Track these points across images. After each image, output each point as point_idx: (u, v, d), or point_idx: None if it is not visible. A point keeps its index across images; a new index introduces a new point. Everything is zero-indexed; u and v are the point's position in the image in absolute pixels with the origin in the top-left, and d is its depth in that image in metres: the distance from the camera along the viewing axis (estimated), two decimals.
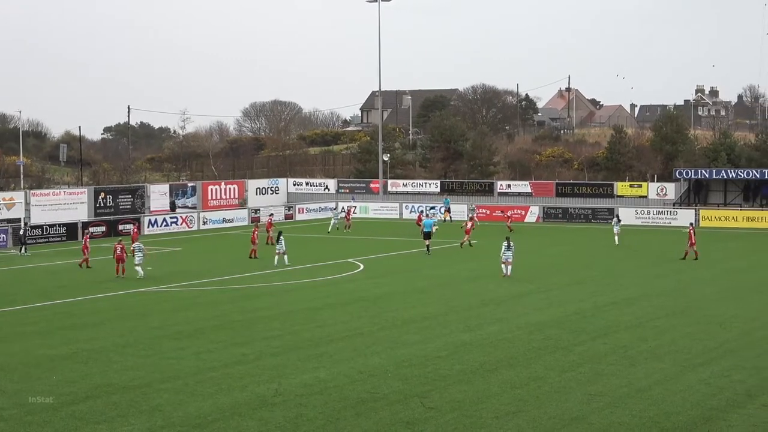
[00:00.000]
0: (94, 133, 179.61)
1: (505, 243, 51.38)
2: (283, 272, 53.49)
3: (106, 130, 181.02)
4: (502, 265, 50.82)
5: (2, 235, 70.03)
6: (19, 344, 34.44)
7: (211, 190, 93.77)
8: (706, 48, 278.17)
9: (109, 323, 38.67)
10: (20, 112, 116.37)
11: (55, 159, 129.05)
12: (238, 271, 54.42)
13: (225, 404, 25.80)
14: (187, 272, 54.35)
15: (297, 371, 29.47)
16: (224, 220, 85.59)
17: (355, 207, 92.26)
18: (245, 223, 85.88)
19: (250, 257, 59.44)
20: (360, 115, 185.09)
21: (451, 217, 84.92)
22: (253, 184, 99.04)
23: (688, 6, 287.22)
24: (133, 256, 52.57)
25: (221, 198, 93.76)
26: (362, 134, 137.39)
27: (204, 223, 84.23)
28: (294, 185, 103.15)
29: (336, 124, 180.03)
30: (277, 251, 56.44)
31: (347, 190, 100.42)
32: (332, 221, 78.98)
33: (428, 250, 60.74)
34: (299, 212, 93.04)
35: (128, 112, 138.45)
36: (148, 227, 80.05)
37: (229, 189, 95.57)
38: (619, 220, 70.38)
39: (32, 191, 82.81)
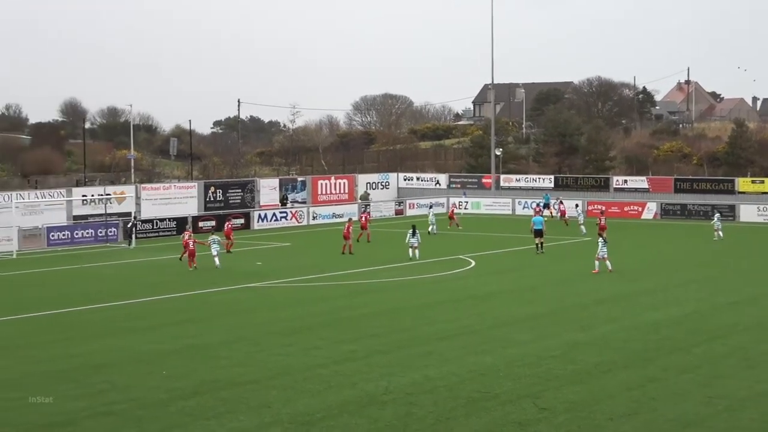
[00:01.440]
0: (204, 126, 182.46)
1: (600, 240, 51.44)
2: (393, 269, 53.59)
3: (216, 124, 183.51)
4: (606, 262, 50.54)
5: (113, 229, 71.34)
6: (127, 339, 35.05)
7: (321, 184, 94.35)
8: None
9: (216, 319, 39.17)
10: (131, 105, 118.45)
11: (165, 153, 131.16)
12: (347, 266, 54.66)
13: (334, 402, 25.93)
14: (296, 268, 54.74)
15: (406, 369, 29.48)
16: (334, 215, 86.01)
17: (467, 203, 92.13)
18: (355, 218, 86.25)
19: (343, 253, 59.73)
20: (472, 108, 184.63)
21: (551, 214, 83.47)
22: (363, 179, 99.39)
23: None
24: (209, 247, 54.83)
25: (331, 193, 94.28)
26: (474, 128, 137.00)
27: (314, 218, 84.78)
28: (405, 180, 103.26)
29: (447, 117, 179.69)
30: (412, 245, 57.12)
31: (458, 186, 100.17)
32: (431, 219, 74.32)
33: (539, 248, 59.85)
34: (410, 207, 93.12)
35: (238, 105, 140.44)
36: (258, 222, 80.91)
37: (339, 183, 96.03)
38: (721, 216, 69.38)
39: (143, 185, 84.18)
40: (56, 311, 41.62)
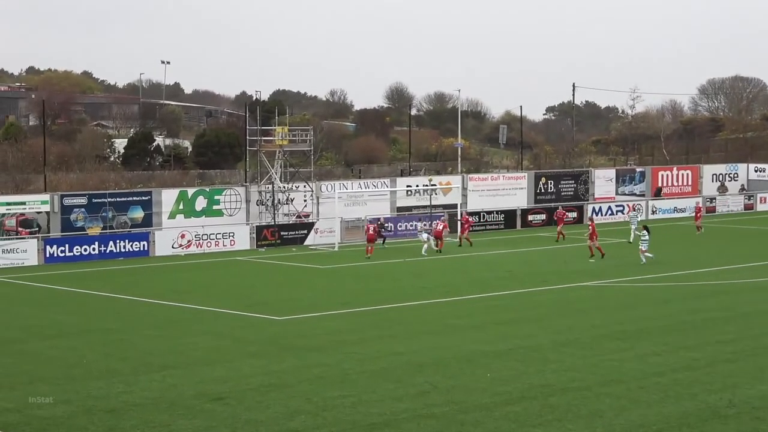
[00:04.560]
0: (535, 113, 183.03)
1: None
2: (741, 269, 52.20)
3: (549, 110, 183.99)
4: None
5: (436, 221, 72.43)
6: (453, 338, 35.66)
7: (662, 176, 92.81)
8: None
9: (547, 319, 39.28)
10: (459, 91, 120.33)
11: (494, 141, 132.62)
12: (688, 266, 53.66)
13: (671, 413, 25.50)
14: (632, 266, 54.16)
15: (754, 380, 28.66)
16: (675, 210, 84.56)
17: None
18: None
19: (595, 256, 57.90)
20: None
21: None
22: (708, 170, 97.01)
23: None
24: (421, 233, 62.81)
25: (672, 185, 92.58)
26: None
27: (653, 212, 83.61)
28: (755, 171, 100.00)
29: None
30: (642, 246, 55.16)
31: None
32: (632, 227, 68.16)
33: None
34: (761, 201, 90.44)
35: (573, 90, 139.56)
36: (592, 215, 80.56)
37: (682, 175, 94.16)
38: None
39: (470, 175, 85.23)
40: (381, 306, 42.88)
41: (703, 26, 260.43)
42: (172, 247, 64.21)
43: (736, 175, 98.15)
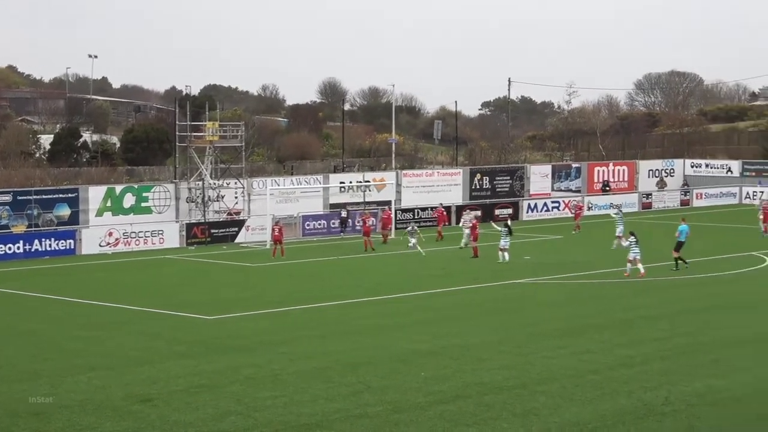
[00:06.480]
0: (471, 108, 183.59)
1: (632, 239, 49.13)
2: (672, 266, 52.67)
3: (484, 105, 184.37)
4: (639, 265, 48.55)
5: (372, 219, 72.40)
6: (383, 338, 35.65)
7: (598, 171, 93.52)
8: None
9: (479, 317, 39.43)
10: (393, 86, 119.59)
11: (428, 137, 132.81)
12: (623, 263, 54.02)
13: (607, 411, 25.70)
14: (568, 263, 54.53)
15: (689, 378, 28.94)
16: (611, 206, 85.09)
17: (762, 193, 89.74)
18: (635, 210, 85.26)
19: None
20: None
21: None
22: (644, 166, 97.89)
23: None
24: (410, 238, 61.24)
25: (609, 181, 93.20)
26: None
27: (589, 208, 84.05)
28: (692, 167, 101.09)
29: (742, 97, 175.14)
30: (503, 247, 54.85)
31: (753, 174, 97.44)
32: (465, 231, 62.29)
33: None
34: (697, 197, 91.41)
35: (508, 85, 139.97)
36: (527, 212, 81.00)
37: (618, 170, 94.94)
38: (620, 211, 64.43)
39: (404, 171, 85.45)
40: (314, 305, 42.80)
41: (638, 20, 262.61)
42: (100, 245, 63.75)
43: (672, 171, 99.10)
